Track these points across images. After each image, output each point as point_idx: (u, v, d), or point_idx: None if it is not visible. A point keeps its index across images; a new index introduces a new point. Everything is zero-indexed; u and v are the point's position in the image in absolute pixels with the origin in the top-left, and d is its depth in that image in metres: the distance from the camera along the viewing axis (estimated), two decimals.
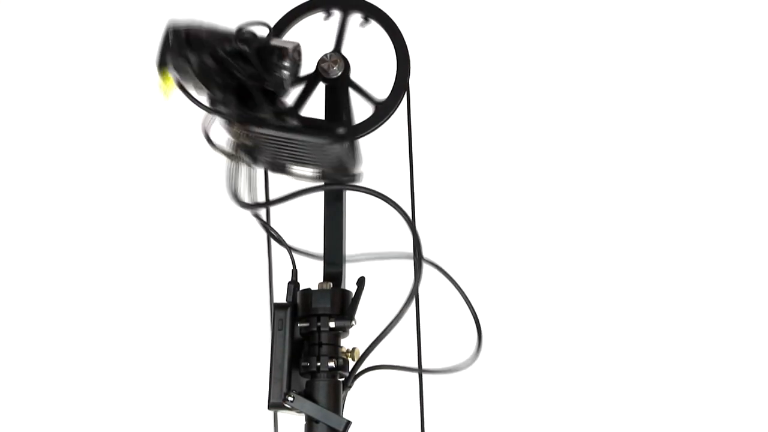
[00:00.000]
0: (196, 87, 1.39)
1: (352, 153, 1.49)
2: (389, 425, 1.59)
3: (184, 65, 1.38)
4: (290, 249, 1.51)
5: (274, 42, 1.44)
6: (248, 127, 1.43)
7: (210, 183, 1.83)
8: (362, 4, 1.59)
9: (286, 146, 1.48)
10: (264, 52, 1.41)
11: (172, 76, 1.38)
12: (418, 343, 1.51)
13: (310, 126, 1.49)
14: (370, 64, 1.59)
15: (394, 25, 1.60)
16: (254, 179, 1.45)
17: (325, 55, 1.58)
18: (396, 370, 1.50)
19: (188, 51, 1.38)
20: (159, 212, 1.84)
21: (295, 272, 1.52)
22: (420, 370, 1.50)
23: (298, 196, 1.47)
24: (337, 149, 1.47)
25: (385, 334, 1.48)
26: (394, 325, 1.47)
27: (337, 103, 1.56)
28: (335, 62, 1.58)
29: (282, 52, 1.43)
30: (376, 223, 1.60)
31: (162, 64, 1.40)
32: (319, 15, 1.62)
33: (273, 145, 1.48)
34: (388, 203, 1.45)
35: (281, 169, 1.53)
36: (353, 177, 1.53)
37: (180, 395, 1.75)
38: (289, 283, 1.51)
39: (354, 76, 1.57)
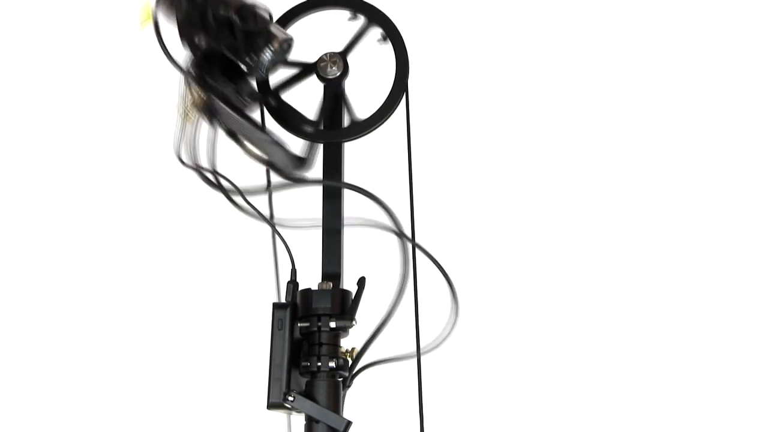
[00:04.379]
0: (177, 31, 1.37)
1: (300, 155, 1.46)
2: (389, 425, 1.59)
3: (171, 6, 1.37)
4: (272, 225, 1.49)
5: (271, 28, 1.42)
6: (205, 93, 1.40)
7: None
8: (385, 18, 1.58)
9: (242, 124, 1.45)
10: (253, 33, 1.39)
11: (154, 10, 1.36)
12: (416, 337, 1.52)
13: (279, 116, 1.48)
14: (370, 66, 1.60)
15: (394, 27, 1.61)
16: (212, 141, 1.41)
17: (326, 54, 1.58)
18: (394, 362, 1.50)
19: None
20: (159, 211, 1.84)
21: (293, 272, 1.52)
22: (418, 360, 1.50)
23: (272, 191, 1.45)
24: (277, 150, 1.44)
25: (380, 330, 1.47)
26: (388, 320, 1.47)
27: (331, 102, 1.56)
28: (335, 63, 1.58)
29: (270, 38, 1.41)
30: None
31: None
32: (334, 13, 1.62)
33: (231, 117, 1.44)
34: (367, 196, 1.44)
35: (234, 137, 1.46)
36: (294, 177, 1.48)
37: (180, 395, 1.75)
38: (288, 282, 1.51)
39: (351, 81, 1.58)
